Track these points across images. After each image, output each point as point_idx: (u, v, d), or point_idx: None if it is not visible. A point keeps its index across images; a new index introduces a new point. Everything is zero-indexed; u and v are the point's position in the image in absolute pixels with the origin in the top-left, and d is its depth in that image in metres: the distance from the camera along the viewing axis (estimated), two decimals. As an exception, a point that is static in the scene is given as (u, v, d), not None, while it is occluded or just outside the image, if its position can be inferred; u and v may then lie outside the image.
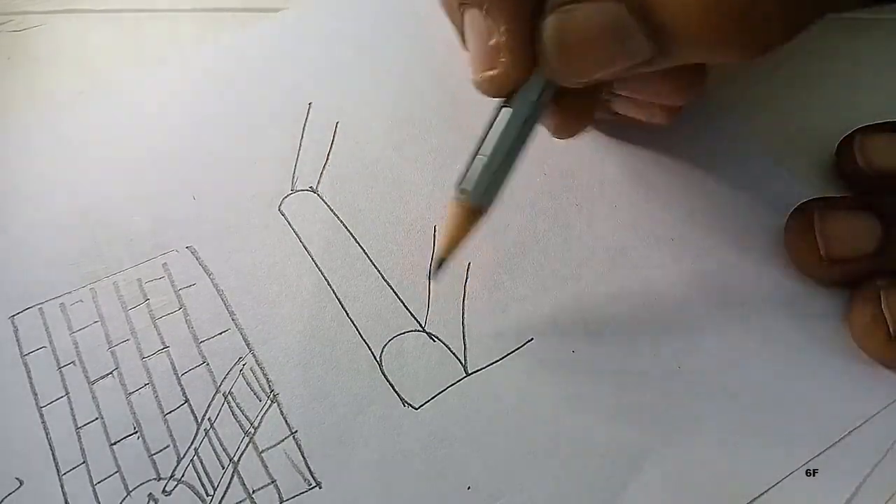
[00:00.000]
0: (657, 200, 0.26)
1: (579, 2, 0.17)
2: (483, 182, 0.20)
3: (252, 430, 0.22)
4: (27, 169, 0.29)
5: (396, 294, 0.24)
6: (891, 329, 0.21)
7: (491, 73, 0.19)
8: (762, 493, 0.20)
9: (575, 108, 0.21)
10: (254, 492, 0.21)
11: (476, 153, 0.20)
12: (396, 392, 0.22)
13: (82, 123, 0.30)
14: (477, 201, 0.20)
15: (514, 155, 0.20)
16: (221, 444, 0.21)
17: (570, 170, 0.27)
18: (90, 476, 0.21)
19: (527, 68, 0.19)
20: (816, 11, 0.16)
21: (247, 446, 0.21)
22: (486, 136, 0.20)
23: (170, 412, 0.22)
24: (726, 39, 0.17)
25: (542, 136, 0.27)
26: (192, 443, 0.22)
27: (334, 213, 0.26)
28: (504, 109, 0.19)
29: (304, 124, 0.29)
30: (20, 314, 0.24)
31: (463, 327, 0.23)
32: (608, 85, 0.24)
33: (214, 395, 0.22)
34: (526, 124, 0.19)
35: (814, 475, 0.20)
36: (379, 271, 0.25)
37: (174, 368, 0.23)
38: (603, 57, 0.18)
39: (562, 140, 0.22)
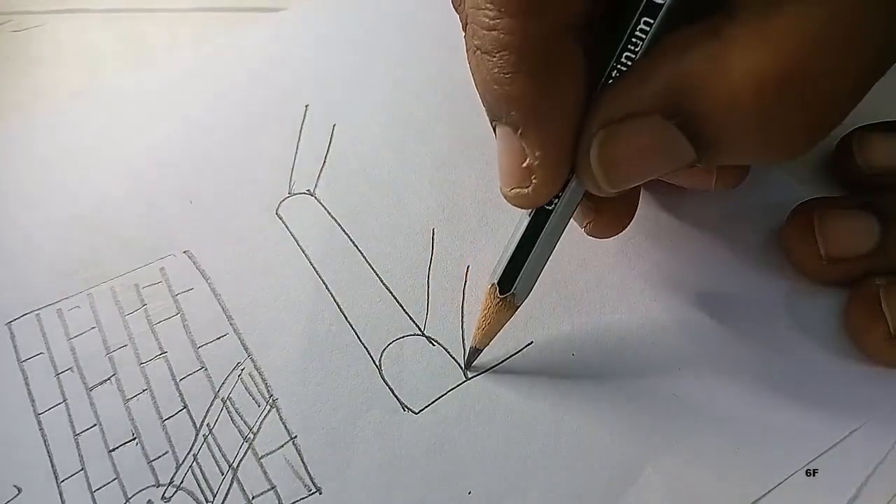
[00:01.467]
0: (656, 201, 0.26)
1: (625, 121, 0.17)
2: (518, 280, 0.20)
3: (251, 436, 0.22)
4: (25, 171, 0.28)
5: (395, 298, 0.24)
6: (890, 328, 0.21)
7: (522, 191, 0.19)
8: (763, 495, 0.20)
9: (614, 208, 0.21)
10: (253, 498, 0.21)
11: (513, 253, 0.20)
12: (396, 396, 0.22)
13: (80, 126, 0.30)
14: (511, 295, 0.21)
15: (547, 254, 0.20)
16: (220, 450, 0.21)
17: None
18: (89, 483, 0.21)
19: (559, 187, 0.19)
20: (864, 89, 0.16)
21: (246, 452, 0.21)
22: (521, 240, 0.20)
23: (168, 418, 0.22)
24: (771, 148, 0.17)
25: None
26: (190, 449, 0.21)
27: (332, 217, 0.26)
28: (530, 217, 0.20)
29: (301, 127, 0.29)
30: (17, 320, 0.24)
31: (462, 331, 0.23)
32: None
33: (213, 400, 0.22)
34: (557, 229, 0.20)
35: (814, 475, 0.20)
36: (377, 275, 0.25)
37: (172, 374, 0.23)
38: (648, 168, 0.18)
39: (602, 238, 0.22)
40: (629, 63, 0.17)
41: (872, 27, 0.15)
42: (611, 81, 0.17)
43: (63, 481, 0.21)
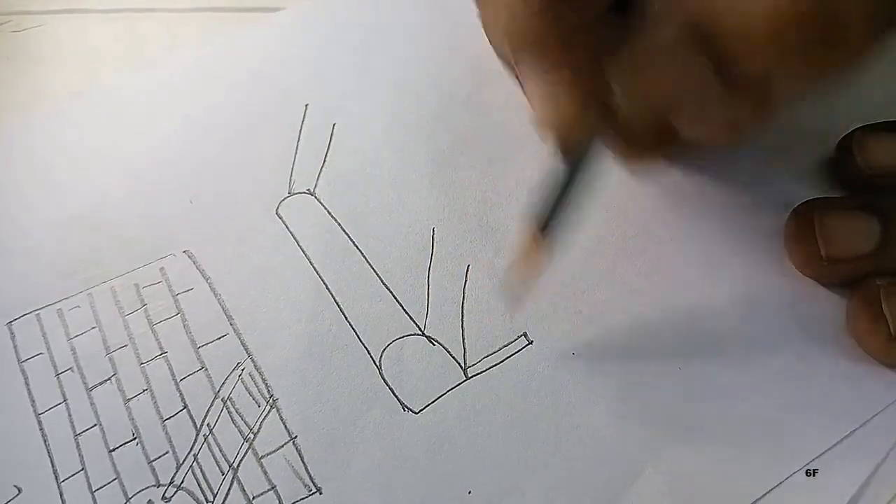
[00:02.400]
0: (656, 201, 0.26)
1: (651, 48, 0.17)
2: (557, 223, 0.21)
3: (251, 436, 0.22)
4: (25, 171, 0.28)
5: (395, 297, 0.24)
6: (891, 329, 0.21)
7: (551, 123, 0.19)
8: (763, 495, 0.20)
9: (646, 138, 0.21)
10: (254, 498, 0.21)
11: (551, 200, 0.21)
12: (396, 396, 0.22)
13: (80, 125, 0.30)
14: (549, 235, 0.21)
15: (569, 193, 0.21)
16: (221, 450, 0.21)
17: (568, 171, 0.27)
18: (89, 483, 0.21)
19: (586, 123, 0.19)
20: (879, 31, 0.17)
21: (246, 452, 0.21)
22: (558, 191, 0.21)
23: (168, 418, 0.22)
24: (795, 77, 0.17)
25: (541, 142, 0.27)
26: (191, 449, 0.21)
27: (332, 216, 0.26)
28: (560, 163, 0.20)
29: (301, 126, 0.29)
30: (17, 320, 0.24)
31: (462, 330, 0.23)
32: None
33: (213, 400, 0.22)
34: (581, 170, 0.20)
35: (814, 475, 0.20)
36: (377, 274, 0.25)
37: (172, 374, 0.23)
38: (670, 96, 0.18)
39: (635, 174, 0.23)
40: None
41: None
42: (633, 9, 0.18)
43: (63, 481, 0.21)
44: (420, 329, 0.23)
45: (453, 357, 0.23)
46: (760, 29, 0.16)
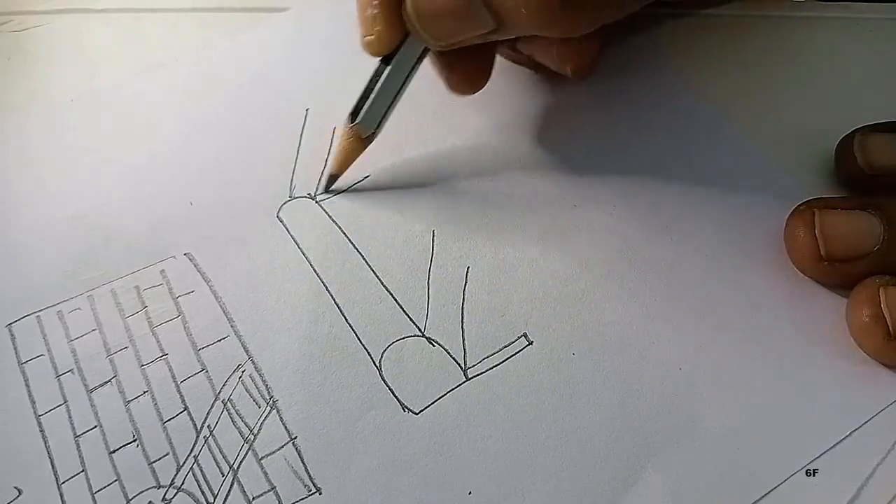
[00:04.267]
0: (656, 201, 0.26)
1: None
2: (369, 116, 0.25)
3: (252, 437, 0.22)
4: (25, 172, 0.28)
5: (395, 299, 0.24)
6: (890, 329, 0.21)
7: (369, 38, 0.23)
8: (763, 495, 0.20)
9: (462, 66, 0.25)
10: (254, 499, 0.21)
11: (363, 95, 0.25)
12: (396, 397, 0.22)
13: (80, 126, 0.30)
14: (364, 128, 0.26)
15: (391, 97, 0.25)
16: (221, 452, 0.21)
17: (566, 170, 0.27)
18: (89, 484, 0.21)
19: (397, 35, 0.23)
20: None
21: (246, 453, 0.21)
22: (370, 85, 0.25)
23: (169, 420, 0.22)
24: (548, 24, 0.21)
25: (540, 143, 0.27)
26: (191, 450, 0.21)
27: (333, 220, 0.26)
28: (384, 66, 0.24)
29: (302, 130, 0.29)
30: (17, 322, 0.24)
31: (462, 331, 0.23)
32: (503, 44, 0.27)
33: (214, 402, 0.22)
34: (401, 76, 0.25)
35: (814, 475, 0.20)
36: (378, 277, 0.25)
37: (173, 376, 0.23)
38: (455, 27, 0.22)
39: (461, 96, 0.26)
40: None
41: None
42: None
43: (64, 483, 0.21)
44: (420, 330, 0.23)
45: (453, 358, 0.23)
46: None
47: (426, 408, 0.22)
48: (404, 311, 0.24)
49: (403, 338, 0.23)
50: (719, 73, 0.30)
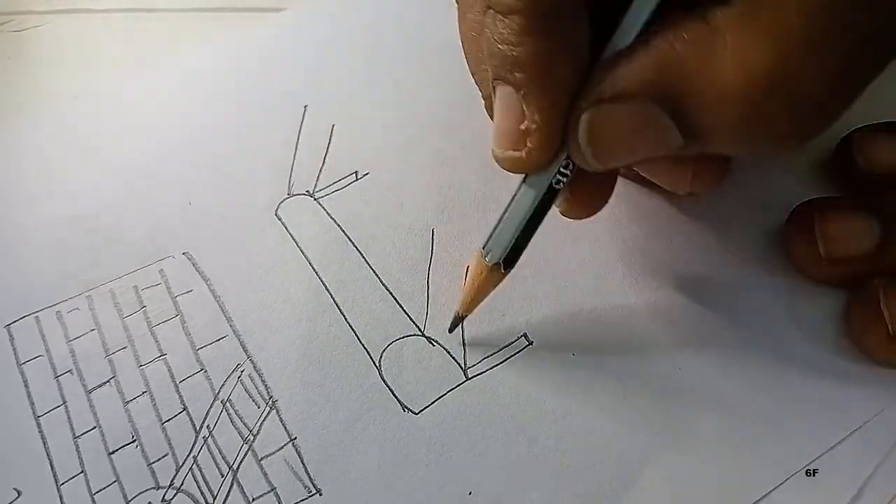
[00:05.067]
0: (656, 201, 0.26)
1: (615, 100, 0.17)
2: (506, 250, 0.21)
3: (251, 438, 0.22)
4: (24, 172, 0.28)
5: (395, 298, 0.24)
6: (890, 329, 0.21)
7: (515, 153, 0.19)
8: (763, 495, 0.20)
9: (590, 190, 0.21)
10: (253, 499, 0.21)
11: (499, 222, 0.21)
12: (396, 397, 0.22)
13: (79, 126, 0.30)
14: (498, 262, 0.21)
15: (534, 226, 0.20)
16: (220, 452, 0.21)
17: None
18: (89, 485, 0.21)
19: (552, 154, 0.19)
20: (857, 91, 0.16)
21: (246, 454, 0.21)
22: (509, 207, 0.20)
23: (168, 420, 0.22)
24: (756, 143, 0.17)
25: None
26: (190, 451, 0.21)
27: (332, 218, 0.26)
28: (525, 188, 0.20)
29: (301, 127, 0.29)
30: (16, 323, 0.24)
31: (462, 331, 0.23)
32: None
33: (213, 402, 0.22)
34: (546, 201, 0.20)
35: (814, 475, 0.20)
36: (377, 275, 0.25)
37: (172, 376, 0.23)
38: (633, 149, 0.18)
39: (573, 219, 0.22)
40: (627, 39, 0.17)
41: (871, 27, 0.15)
42: (607, 57, 0.17)
43: (63, 484, 0.21)
44: (420, 330, 0.23)
45: (453, 358, 0.23)
46: (729, 99, 0.16)
47: (426, 408, 0.22)
48: (404, 311, 0.24)
49: (403, 337, 0.23)
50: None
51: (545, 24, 0.17)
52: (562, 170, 0.19)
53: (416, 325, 0.24)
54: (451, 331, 0.23)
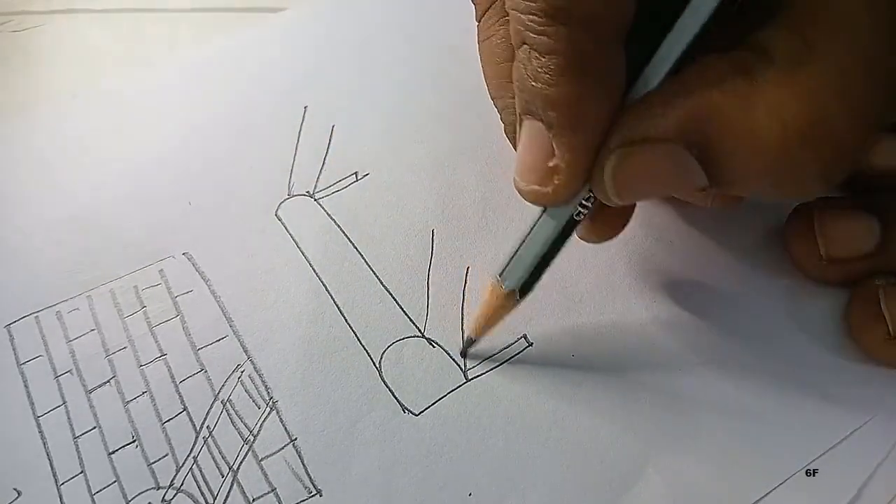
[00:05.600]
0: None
1: (645, 143, 0.17)
2: (523, 278, 0.21)
3: (251, 438, 0.22)
4: (24, 172, 0.28)
5: (395, 299, 0.24)
6: (890, 329, 0.21)
7: (540, 189, 0.19)
8: (763, 495, 0.20)
9: (611, 218, 0.22)
10: (254, 500, 0.21)
11: (518, 249, 0.21)
12: (396, 398, 0.22)
13: (79, 126, 0.30)
14: (514, 290, 0.21)
15: (551, 256, 0.21)
16: (221, 452, 0.21)
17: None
18: (89, 485, 0.21)
19: (578, 191, 0.19)
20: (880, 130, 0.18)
21: (246, 454, 0.21)
22: (528, 235, 0.20)
23: (168, 420, 0.22)
24: (784, 189, 0.18)
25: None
26: (190, 451, 0.21)
27: (332, 218, 0.26)
28: (546, 217, 0.20)
29: (301, 128, 0.29)
30: (16, 323, 0.24)
31: (462, 332, 0.23)
32: None
33: (213, 402, 0.22)
34: (564, 232, 0.20)
35: (814, 475, 0.20)
36: (377, 276, 0.25)
37: (172, 376, 0.23)
38: (657, 189, 0.19)
39: (592, 243, 0.23)
40: (656, 79, 0.17)
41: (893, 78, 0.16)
42: (636, 95, 0.17)
43: (63, 484, 0.21)
44: (420, 331, 0.23)
45: (453, 359, 0.23)
46: (764, 149, 0.16)
47: (426, 409, 0.22)
48: (404, 312, 0.24)
49: (403, 338, 0.23)
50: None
51: (582, 67, 0.17)
52: (583, 202, 0.19)
53: (416, 326, 0.24)
54: (463, 354, 0.23)
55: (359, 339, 0.23)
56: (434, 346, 0.23)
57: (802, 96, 0.15)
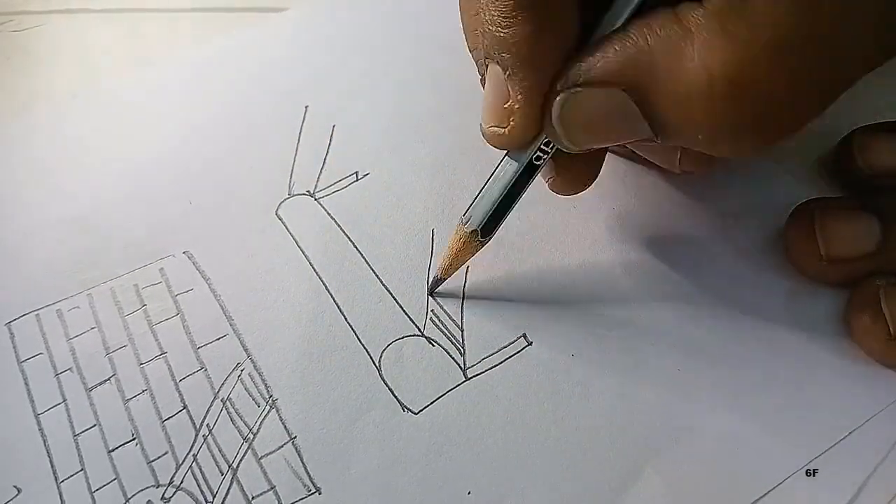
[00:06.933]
0: (655, 202, 0.26)
1: (586, 86, 0.18)
2: (483, 218, 0.22)
3: (251, 436, 0.22)
4: (24, 172, 0.28)
5: (395, 298, 0.24)
6: (891, 329, 0.21)
7: (498, 129, 0.20)
8: (763, 495, 0.20)
9: (575, 168, 0.22)
10: (253, 498, 0.21)
11: (481, 192, 0.22)
12: (396, 397, 0.22)
13: (79, 126, 0.30)
14: (476, 230, 0.22)
15: (512, 198, 0.22)
16: (220, 451, 0.21)
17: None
18: (88, 483, 0.21)
19: (532, 133, 0.20)
20: (825, 101, 0.16)
21: (246, 452, 0.21)
22: (489, 180, 0.22)
23: (168, 418, 0.22)
24: (718, 144, 0.17)
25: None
26: (190, 449, 0.21)
27: (332, 218, 0.26)
28: (508, 160, 0.21)
29: (301, 128, 0.29)
30: (17, 320, 0.24)
31: (462, 331, 0.23)
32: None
33: (213, 401, 0.22)
34: (525, 176, 0.21)
35: (814, 475, 0.20)
36: (377, 275, 0.25)
37: (172, 374, 0.23)
38: (604, 135, 0.19)
39: (563, 195, 0.23)
40: (610, 28, 0.18)
41: (838, 40, 0.15)
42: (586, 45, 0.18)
43: (63, 481, 0.21)
44: (420, 330, 0.23)
45: (453, 358, 0.23)
46: (691, 95, 0.16)
47: (425, 407, 0.22)
48: (404, 311, 0.24)
49: (403, 337, 0.23)
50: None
51: (532, 8, 0.17)
52: (543, 147, 0.20)
53: (415, 325, 0.24)
54: (430, 293, 0.24)
55: (358, 338, 0.23)
56: (434, 345, 0.23)
57: (730, 46, 0.15)
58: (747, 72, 0.15)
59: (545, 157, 0.20)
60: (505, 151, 0.21)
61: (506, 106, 0.19)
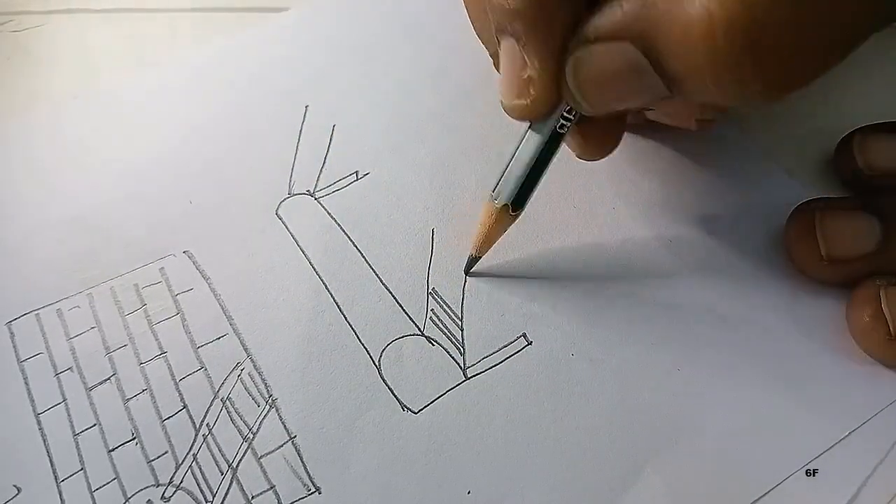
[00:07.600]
0: (656, 202, 0.26)
1: (597, 42, 0.17)
2: (514, 191, 0.22)
3: (251, 436, 0.22)
4: (25, 171, 0.28)
5: (395, 298, 0.24)
6: (891, 329, 0.21)
7: (520, 101, 0.20)
8: (763, 495, 0.20)
9: (599, 133, 0.22)
10: (253, 497, 0.21)
11: (507, 166, 0.22)
12: (395, 396, 0.22)
13: (80, 126, 0.30)
14: (507, 203, 0.22)
15: (540, 169, 0.22)
16: (220, 450, 0.21)
17: (567, 172, 0.27)
18: (88, 483, 0.21)
19: (554, 101, 0.20)
20: (835, 55, 0.16)
21: (245, 452, 0.21)
22: (515, 153, 0.22)
23: (168, 418, 0.22)
24: (727, 92, 0.17)
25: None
26: (190, 449, 0.21)
27: (332, 217, 0.26)
28: (531, 133, 0.21)
29: (301, 127, 0.29)
30: (17, 320, 0.24)
31: (462, 331, 0.23)
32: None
33: (213, 400, 0.22)
34: (550, 145, 0.21)
35: (814, 475, 0.20)
36: (377, 275, 0.25)
37: (172, 374, 0.23)
38: (619, 93, 0.19)
39: (588, 161, 0.23)
40: None
41: None
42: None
43: (63, 481, 0.21)
44: (419, 329, 0.23)
45: (452, 357, 0.23)
46: (693, 40, 0.15)
47: (425, 407, 0.22)
48: (403, 310, 0.24)
49: (403, 336, 0.23)
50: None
51: None
52: (565, 114, 0.20)
53: (415, 324, 0.24)
54: (466, 272, 0.24)
55: (358, 338, 0.23)
56: (433, 345, 0.23)
57: None
58: (748, 14, 0.15)
59: (568, 124, 0.20)
60: (528, 124, 0.21)
61: (525, 76, 0.19)
